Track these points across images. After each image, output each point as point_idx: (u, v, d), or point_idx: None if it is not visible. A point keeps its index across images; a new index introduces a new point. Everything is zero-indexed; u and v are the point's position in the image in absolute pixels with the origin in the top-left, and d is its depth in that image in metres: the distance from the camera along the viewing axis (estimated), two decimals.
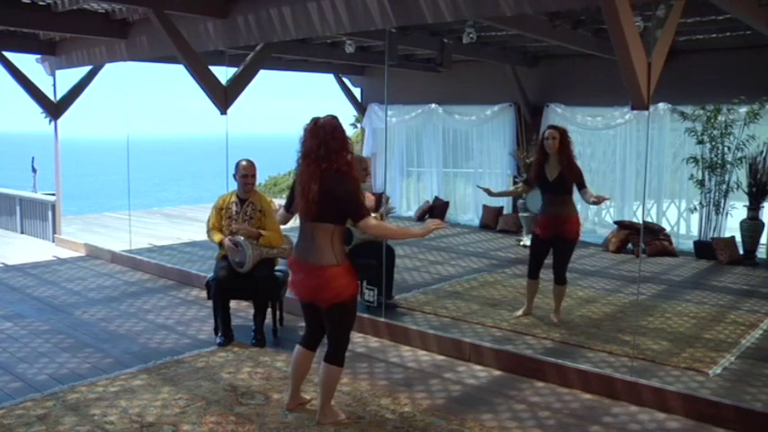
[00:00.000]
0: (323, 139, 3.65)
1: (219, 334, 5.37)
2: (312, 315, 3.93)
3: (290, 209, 4.02)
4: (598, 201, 5.85)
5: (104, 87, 15.17)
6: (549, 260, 5.94)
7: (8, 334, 5.58)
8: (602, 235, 10.06)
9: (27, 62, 9.94)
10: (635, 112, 6.18)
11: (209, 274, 5.63)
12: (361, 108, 13.55)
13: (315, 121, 3.74)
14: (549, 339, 5.47)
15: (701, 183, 9.11)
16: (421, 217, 12.30)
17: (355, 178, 3.76)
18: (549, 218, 5.81)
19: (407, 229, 4.41)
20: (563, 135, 5.74)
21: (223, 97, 6.98)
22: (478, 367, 4.93)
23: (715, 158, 8.94)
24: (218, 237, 5.39)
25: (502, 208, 11.27)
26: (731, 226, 9.21)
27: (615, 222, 9.98)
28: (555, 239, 5.80)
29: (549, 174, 5.75)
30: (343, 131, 3.75)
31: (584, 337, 5.53)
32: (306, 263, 3.73)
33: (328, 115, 3.80)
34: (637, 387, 4.30)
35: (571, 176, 5.70)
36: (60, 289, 7.18)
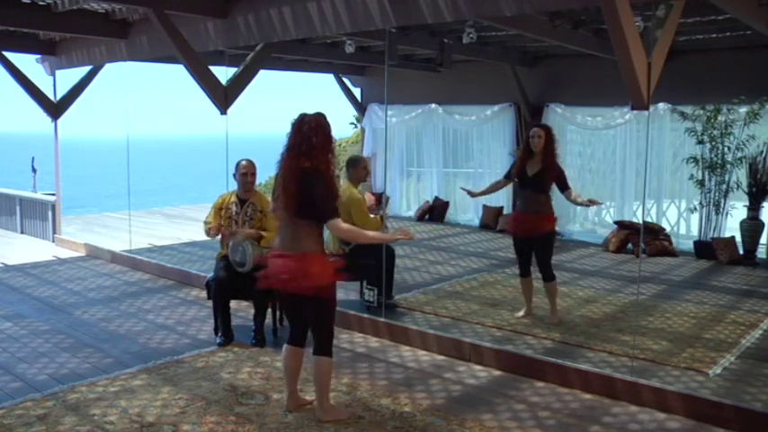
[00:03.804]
0: (306, 135, 3.70)
1: (219, 334, 5.37)
2: (294, 311, 3.95)
3: None
4: (590, 204, 5.87)
5: (104, 87, 15.17)
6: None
7: (8, 334, 5.58)
8: (602, 235, 10.06)
9: (27, 62, 9.98)
10: (635, 112, 6.19)
11: (210, 274, 5.63)
12: (361, 108, 13.55)
13: (302, 117, 3.79)
14: (549, 339, 5.47)
15: (701, 183, 9.11)
16: (421, 217, 12.31)
17: (332, 178, 3.76)
18: (524, 215, 5.90)
19: (373, 234, 4.49)
20: (548, 133, 5.80)
21: (223, 97, 6.97)
22: (478, 367, 4.93)
23: (715, 158, 8.94)
24: (209, 226, 5.40)
25: (502, 208, 11.26)
26: (731, 226, 9.21)
27: (615, 222, 9.98)
28: (531, 237, 5.85)
29: (530, 170, 5.81)
30: (327, 130, 3.77)
31: (584, 337, 5.53)
32: (286, 253, 3.75)
33: (316, 113, 3.83)
34: (637, 387, 4.30)
35: (551, 175, 5.76)
36: (60, 289, 7.18)
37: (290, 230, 3.77)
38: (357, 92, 13.60)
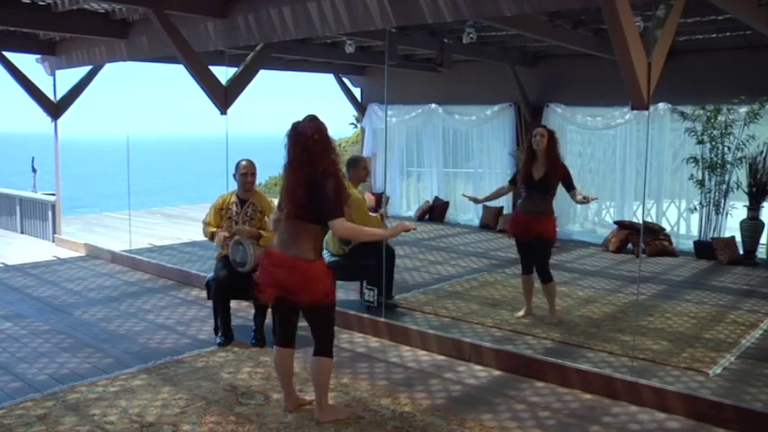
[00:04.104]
0: (304, 144, 3.66)
1: (219, 334, 5.37)
2: (283, 314, 3.93)
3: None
4: (585, 201, 5.89)
5: (104, 87, 15.17)
6: None
7: (8, 334, 5.58)
8: (602, 235, 10.06)
9: (27, 62, 9.96)
10: (635, 112, 6.19)
11: (210, 274, 5.63)
12: (361, 108, 13.55)
13: (294, 127, 3.74)
14: (549, 339, 5.47)
15: (701, 183, 9.11)
16: (421, 217, 12.31)
17: (340, 179, 3.75)
18: (526, 216, 5.91)
19: (376, 230, 4.46)
20: (551, 135, 5.85)
21: (223, 97, 6.98)
22: (478, 367, 4.93)
23: (715, 158, 8.94)
24: (210, 229, 5.40)
25: (502, 208, 11.26)
26: (731, 226, 9.21)
27: (615, 222, 9.98)
28: (532, 239, 5.86)
29: (536, 173, 5.82)
30: (324, 132, 3.73)
31: (584, 337, 5.53)
32: (284, 255, 3.73)
33: (307, 117, 3.79)
34: (637, 387, 4.30)
35: (556, 177, 5.78)
36: (60, 289, 7.18)
37: (290, 232, 3.75)
38: (357, 92, 13.60)
